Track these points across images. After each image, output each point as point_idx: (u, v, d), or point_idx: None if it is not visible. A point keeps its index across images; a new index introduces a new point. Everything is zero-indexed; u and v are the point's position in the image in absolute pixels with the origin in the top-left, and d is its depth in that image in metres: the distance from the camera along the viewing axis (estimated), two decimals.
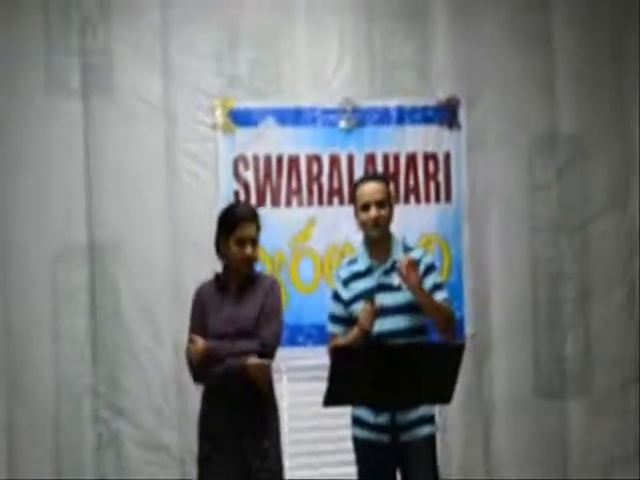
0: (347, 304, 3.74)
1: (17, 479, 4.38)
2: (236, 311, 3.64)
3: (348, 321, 3.72)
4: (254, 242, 3.66)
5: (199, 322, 3.68)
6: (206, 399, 3.69)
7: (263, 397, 3.60)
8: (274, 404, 3.70)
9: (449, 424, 4.68)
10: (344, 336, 3.70)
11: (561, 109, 4.84)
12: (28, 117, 4.43)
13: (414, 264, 3.62)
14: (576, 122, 4.85)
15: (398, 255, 3.71)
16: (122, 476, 4.45)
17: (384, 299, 3.64)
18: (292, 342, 4.26)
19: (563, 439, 4.82)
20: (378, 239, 3.72)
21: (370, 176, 3.89)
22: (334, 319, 3.79)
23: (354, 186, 3.83)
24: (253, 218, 3.67)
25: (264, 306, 3.64)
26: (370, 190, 3.69)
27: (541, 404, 4.80)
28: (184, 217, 4.52)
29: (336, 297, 3.78)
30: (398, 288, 3.67)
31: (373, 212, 3.66)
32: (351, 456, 3.81)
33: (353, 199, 3.79)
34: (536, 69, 4.83)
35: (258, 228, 3.69)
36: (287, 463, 3.79)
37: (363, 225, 3.72)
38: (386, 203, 3.71)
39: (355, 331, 3.64)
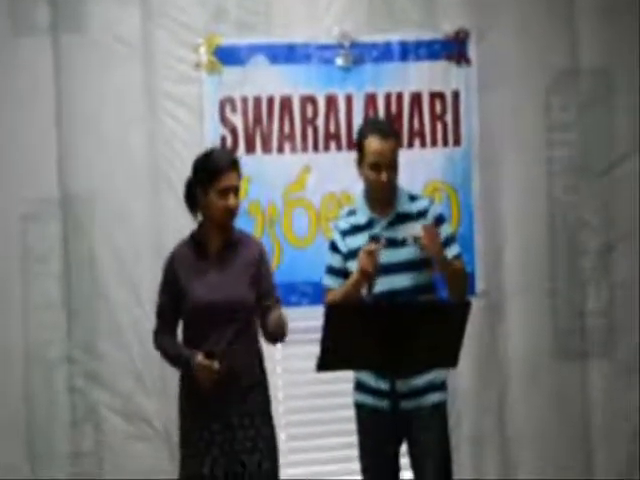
0: (344, 258, 3.65)
1: None
2: (222, 277, 3.50)
3: (346, 274, 3.62)
4: (236, 191, 3.52)
5: (173, 290, 3.54)
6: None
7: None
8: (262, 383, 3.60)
9: (460, 389, 4.56)
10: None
11: (582, 41, 4.66)
12: None
13: (434, 231, 3.54)
14: (599, 56, 4.68)
15: (402, 207, 3.63)
16: (101, 451, 4.33)
17: (386, 255, 3.52)
18: (285, 302, 4.04)
19: (585, 404, 4.70)
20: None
21: (380, 127, 3.65)
22: (331, 271, 3.68)
23: (360, 134, 3.67)
24: (235, 165, 3.54)
25: (260, 279, 3.54)
26: (381, 149, 3.55)
27: (560, 366, 4.68)
28: (166, 166, 4.36)
29: (334, 247, 3.68)
30: (402, 243, 3.58)
31: (384, 175, 3.55)
32: (349, 426, 3.75)
33: (358, 148, 3.64)
34: None
35: (239, 176, 3.55)
36: (281, 435, 3.65)
37: (370, 183, 3.61)
38: (396, 162, 3.59)
39: (354, 276, 3.52)
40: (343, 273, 3.62)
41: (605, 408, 4.67)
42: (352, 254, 3.58)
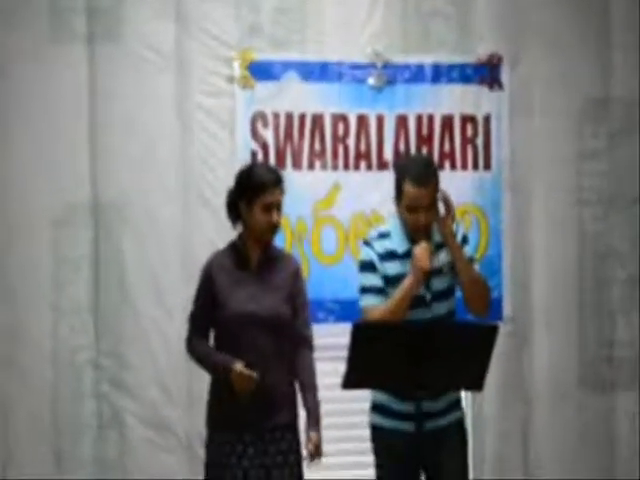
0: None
1: (12, 458, 4.29)
2: (261, 290, 3.54)
3: (387, 295, 3.55)
4: (279, 208, 3.56)
5: (208, 297, 3.56)
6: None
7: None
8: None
9: (484, 415, 4.58)
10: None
11: (616, 71, 4.71)
12: (29, 66, 4.31)
13: (453, 216, 3.57)
14: (631, 85, 4.71)
15: (437, 236, 3.60)
16: (125, 458, 4.35)
17: (424, 287, 3.54)
18: (312, 318, 4.05)
19: (611, 436, 4.69)
20: None
21: (419, 173, 3.51)
22: (372, 290, 3.58)
23: (398, 173, 3.58)
24: (279, 182, 3.57)
25: (295, 296, 3.59)
26: (419, 195, 3.49)
27: (587, 396, 4.69)
28: (197, 178, 4.42)
29: (372, 267, 3.59)
30: (439, 272, 3.57)
31: (422, 218, 3.51)
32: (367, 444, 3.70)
33: (396, 186, 3.56)
34: (589, 25, 4.70)
35: (283, 193, 3.59)
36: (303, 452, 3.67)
37: (407, 223, 3.57)
38: (435, 202, 3.55)
39: (408, 279, 3.47)
40: (385, 292, 3.56)
41: (630, 441, 4.64)
42: (389, 280, 3.55)
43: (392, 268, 3.57)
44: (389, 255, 3.58)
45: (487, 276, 3.73)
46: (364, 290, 3.59)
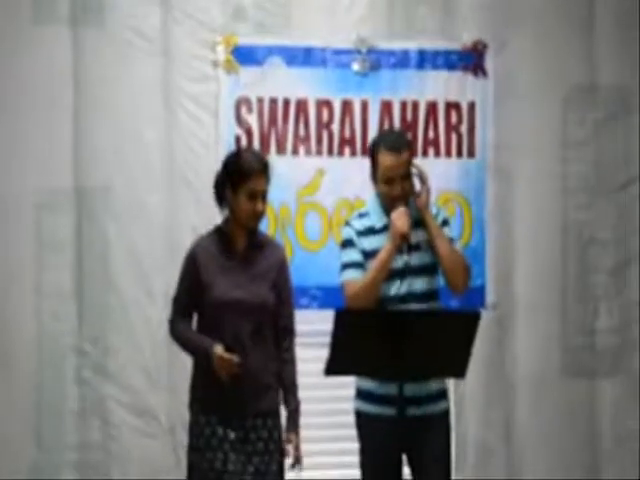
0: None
1: None
2: (246, 277, 3.54)
3: (365, 268, 3.60)
4: (264, 196, 3.56)
5: (193, 281, 3.56)
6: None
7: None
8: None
9: (467, 402, 4.60)
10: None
11: (601, 58, 4.72)
12: (10, 49, 4.32)
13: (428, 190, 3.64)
14: (617, 73, 4.73)
15: (415, 213, 3.62)
16: (107, 443, 4.36)
17: (404, 259, 3.57)
18: (295, 304, 4.06)
19: (593, 423, 4.71)
20: None
21: (392, 142, 3.64)
22: (353, 265, 3.63)
23: (373, 147, 3.68)
24: (265, 170, 3.55)
25: (281, 286, 3.60)
26: (393, 164, 3.57)
27: (569, 383, 4.71)
28: (181, 162, 4.43)
29: (350, 243, 3.66)
30: (417, 247, 3.61)
31: (397, 189, 3.58)
32: (351, 431, 3.73)
33: (371, 161, 3.66)
34: (574, 12, 4.70)
35: (269, 181, 3.58)
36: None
37: (384, 197, 3.63)
38: (409, 173, 3.63)
39: (387, 246, 3.53)
40: (364, 267, 3.60)
41: (613, 427, 4.68)
42: (367, 255, 3.60)
43: (370, 243, 3.62)
44: (368, 231, 3.65)
45: (470, 264, 3.73)
46: (344, 266, 3.65)
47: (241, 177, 3.49)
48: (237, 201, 3.51)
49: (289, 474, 3.60)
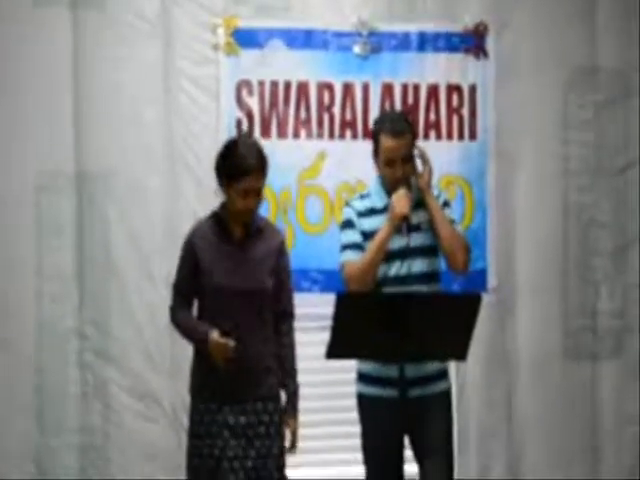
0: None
1: None
2: (244, 263, 3.55)
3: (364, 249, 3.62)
4: (259, 192, 3.54)
5: (192, 267, 3.57)
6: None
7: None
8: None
9: (468, 384, 4.62)
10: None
11: (603, 40, 4.72)
12: (11, 32, 4.32)
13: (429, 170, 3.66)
14: (618, 55, 4.73)
15: (417, 194, 3.65)
16: (108, 427, 4.38)
17: (404, 240, 3.59)
18: (296, 287, 4.10)
19: (593, 405, 4.73)
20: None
21: (393, 124, 3.64)
22: (353, 246, 3.65)
23: (375, 128, 3.69)
24: (262, 168, 3.51)
25: (280, 271, 3.61)
26: (394, 147, 3.58)
27: (570, 365, 4.72)
28: (182, 146, 4.44)
29: (349, 224, 3.68)
30: (418, 228, 3.62)
31: (399, 171, 3.60)
32: (352, 415, 3.76)
33: (374, 141, 3.67)
34: None
35: (264, 177, 3.55)
36: None
37: (385, 178, 3.65)
38: (411, 155, 3.65)
39: (384, 226, 3.54)
40: (363, 248, 3.61)
41: (613, 409, 4.70)
42: (367, 236, 3.62)
43: (370, 223, 3.63)
44: (369, 212, 3.67)
45: (472, 246, 3.74)
46: (343, 247, 3.67)
47: (235, 176, 3.47)
48: (230, 195, 3.51)
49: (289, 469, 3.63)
